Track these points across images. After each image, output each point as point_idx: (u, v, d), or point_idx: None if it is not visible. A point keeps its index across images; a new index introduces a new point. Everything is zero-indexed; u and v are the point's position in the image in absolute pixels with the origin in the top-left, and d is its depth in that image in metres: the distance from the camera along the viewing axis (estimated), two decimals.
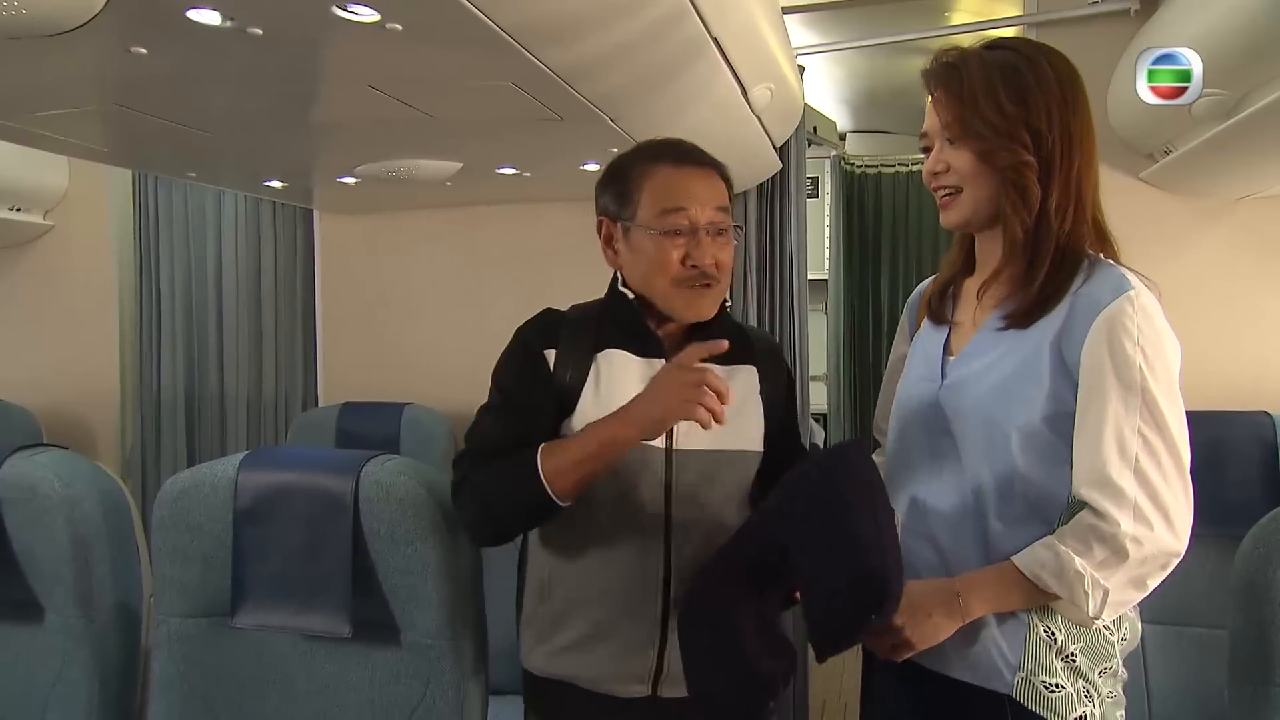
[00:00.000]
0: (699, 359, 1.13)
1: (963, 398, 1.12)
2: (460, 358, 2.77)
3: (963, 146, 1.10)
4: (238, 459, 1.31)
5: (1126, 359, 1.02)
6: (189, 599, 1.32)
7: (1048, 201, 1.08)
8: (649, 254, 1.23)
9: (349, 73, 1.34)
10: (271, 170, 2.31)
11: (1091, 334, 1.04)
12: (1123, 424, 1.02)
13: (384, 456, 1.31)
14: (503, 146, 1.93)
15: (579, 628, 1.25)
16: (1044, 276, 1.08)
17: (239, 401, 3.01)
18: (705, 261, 1.22)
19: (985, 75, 1.08)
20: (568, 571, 1.26)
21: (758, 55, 1.72)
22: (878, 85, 4.04)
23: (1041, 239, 1.09)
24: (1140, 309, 1.03)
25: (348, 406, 2.68)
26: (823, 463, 1.15)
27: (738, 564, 1.15)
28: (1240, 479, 1.89)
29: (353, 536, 1.25)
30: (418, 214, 2.81)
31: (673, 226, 1.21)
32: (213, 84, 1.40)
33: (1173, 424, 1.03)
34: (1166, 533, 1.03)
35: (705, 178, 1.25)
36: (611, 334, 1.27)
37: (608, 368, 1.25)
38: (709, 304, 1.25)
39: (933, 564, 1.13)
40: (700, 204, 1.22)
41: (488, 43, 1.11)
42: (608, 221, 1.28)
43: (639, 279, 1.25)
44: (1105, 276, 1.07)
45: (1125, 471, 1.02)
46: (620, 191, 1.26)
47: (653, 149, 1.28)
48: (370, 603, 1.27)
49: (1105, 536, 1.03)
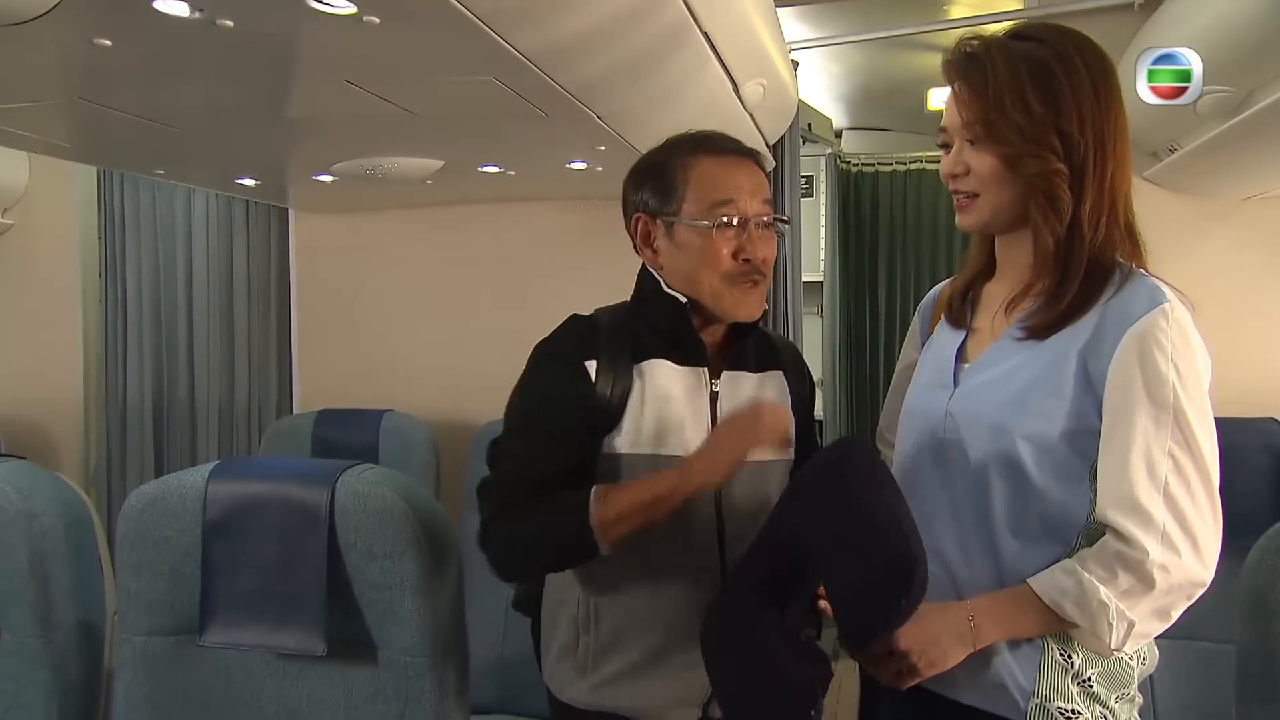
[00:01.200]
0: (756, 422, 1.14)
1: (976, 407, 1.10)
2: (442, 363, 2.77)
3: (985, 149, 1.07)
4: (207, 469, 1.30)
5: (1159, 375, 1.00)
6: (155, 617, 1.30)
7: (1080, 209, 1.05)
8: (698, 249, 1.20)
9: (325, 67, 1.34)
10: (244, 168, 2.29)
11: (1122, 348, 1.01)
12: (1152, 444, 1.00)
13: (361, 466, 1.30)
14: (485, 144, 1.93)
15: (630, 656, 1.23)
16: (1077, 290, 1.06)
17: (209, 409, 2.99)
18: (757, 255, 1.21)
19: (1012, 71, 1.04)
20: (615, 600, 1.24)
21: (750, 49, 1.73)
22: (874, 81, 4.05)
23: (1074, 249, 1.06)
24: (1175, 323, 1.01)
25: (324, 414, 2.67)
26: (827, 458, 1.14)
27: (755, 580, 1.14)
28: (1247, 489, 1.90)
29: (328, 550, 1.23)
30: (398, 213, 2.80)
31: (723, 218, 1.19)
32: (181, 77, 1.39)
33: (1204, 445, 1.01)
34: (1194, 561, 1.01)
35: (748, 167, 1.24)
36: (651, 342, 1.24)
37: (651, 381, 1.22)
38: (756, 302, 1.24)
39: (941, 582, 1.10)
40: (748, 195, 1.21)
41: (466, 32, 1.11)
42: (646, 219, 1.25)
43: (684, 277, 1.23)
44: (1138, 288, 1.04)
45: (1154, 495, 1.00)
46: (661, 186, 1.23)
47: (690, 141, 1.26)
48: (346, 620, 1.25)
49: (1131, 564, 1.00)
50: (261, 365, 2.97)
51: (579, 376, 1.21)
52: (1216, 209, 2.30)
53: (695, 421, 1.23)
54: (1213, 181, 2.22)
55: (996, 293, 1.17)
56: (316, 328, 2.91)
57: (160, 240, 3.02)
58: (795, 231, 2.69)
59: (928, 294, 1.33)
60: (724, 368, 1.27)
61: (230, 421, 3.00)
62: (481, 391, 1.32)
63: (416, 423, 2.60)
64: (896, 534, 1.02)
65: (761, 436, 1.13)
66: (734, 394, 1.26)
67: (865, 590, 1.04)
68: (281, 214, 2.94)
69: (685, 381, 1.24)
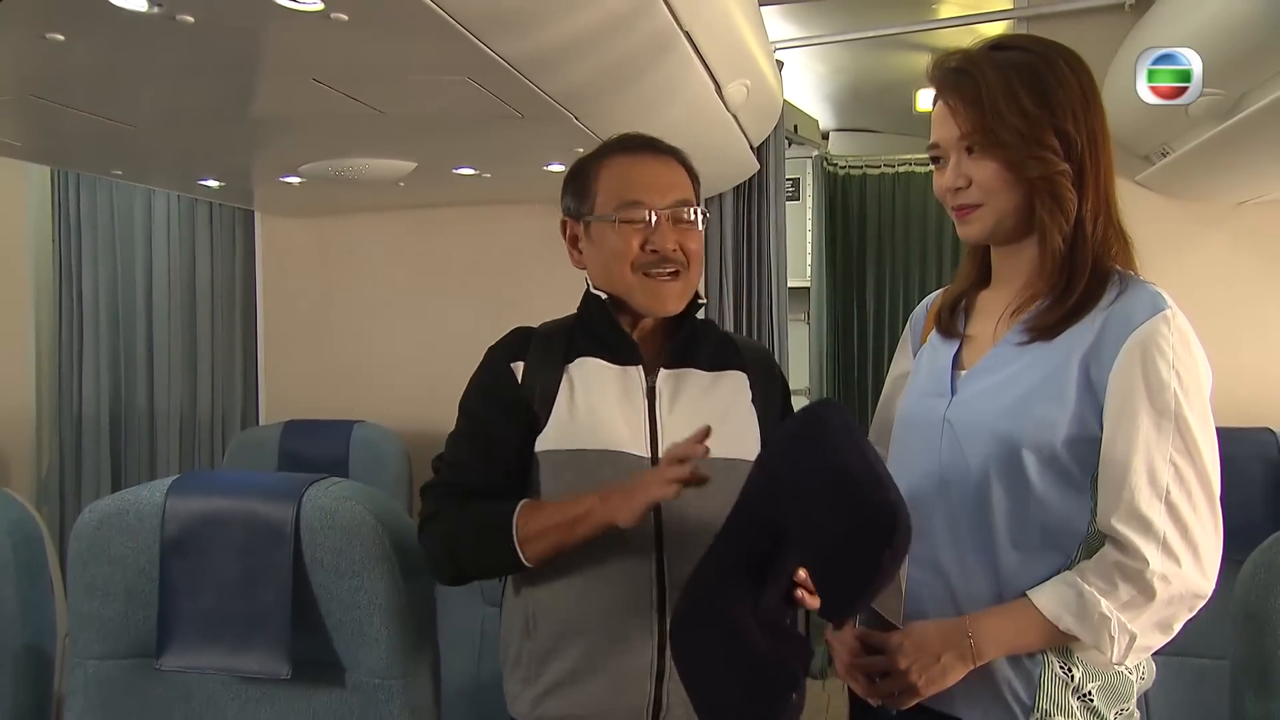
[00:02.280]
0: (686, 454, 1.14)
1: (975, 414, 1.11)
2: (415, 371, 2.76)
3: (986, 157, 1.09)
4: (166, 483, 1.29)
5: (1161, 382, 1.02)
6: (109, 639, 1.28)
7: (1082, 208, 1.08)
8: (609, 244, 1.27)
9: (291, 65, 1.33)
10: (206, 168, 2.28)
11: (1123, 355, 1.04)
12: (1154, 451, 1.02)
13: (329, 480, 1.29)
14: (460, 145, 1.92)
15: (567, 661, 1.24)
16: (1082, 290, 1.08)
17: (170, 420, 2.96)
18: (666, 246, 1.25)
19: (1003, 78, 1.07)
20: (553, 602, 1.26)
21: (733, 49, 1.73)
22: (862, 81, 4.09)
23: (1079, 250, 1.09)
24: (1177, 330, 1.04)
25: (292, 425, 2.65)
26: (799, 419, 1.14)
27: (729, 561, 1.12)
28: (1242, 500, 1.91)
29: (293, 568, 1.23)
30: (369, 216, 2.79)
31: (630, 216, 1.25)
32: (140, 75, 1.38)
33: (1206, 453, 1.03)
34: (1195, 571, 1.03)
35: (662, 164, 1.30)
36: (584, 342, 1.30)
37: (581, 377, 1.27)
38: (674, 296, 1.28)
39: (939, 595, 1.12)
40: (658, 192, 1.27)
41: (441, 34, 1.11)
42: (570, 221, 1.33)
43: (602, 273, 1.29)
44: (1140, 294, 1.07)
45: (1155, 503, 1.01)
46: (579, 188, 1.31)
47: (610, 143, 1.34)
48: (312, 641, 1.24)
49: (1131, 574, 1.02)
50: (225, 374, 2.95)
51: (505, 376, 1.28)
52: (1210, 214, 2.33)
53: (629, 418, 1.26)
54: (1206, 186, 2.25)
55: (992, 300, 1.19)
56: (284, 335, 2.89)
57: (119, 243, 3.00)
58: (780, 236, 2.70)
59: (920, 303, 1.34)
60: (662, 365, 1.29)
61: (192, 433, 2.97)
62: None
63: (388, 434, 2.58)
64: (874, 484, 1.00)
65: (680, 476, 1.13)
66: (677, 391, 1.29)
67: (845, 547, 1.01)
68: (247, 216, 2.92)
69: (617, 379, 1.28)
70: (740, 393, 1.33)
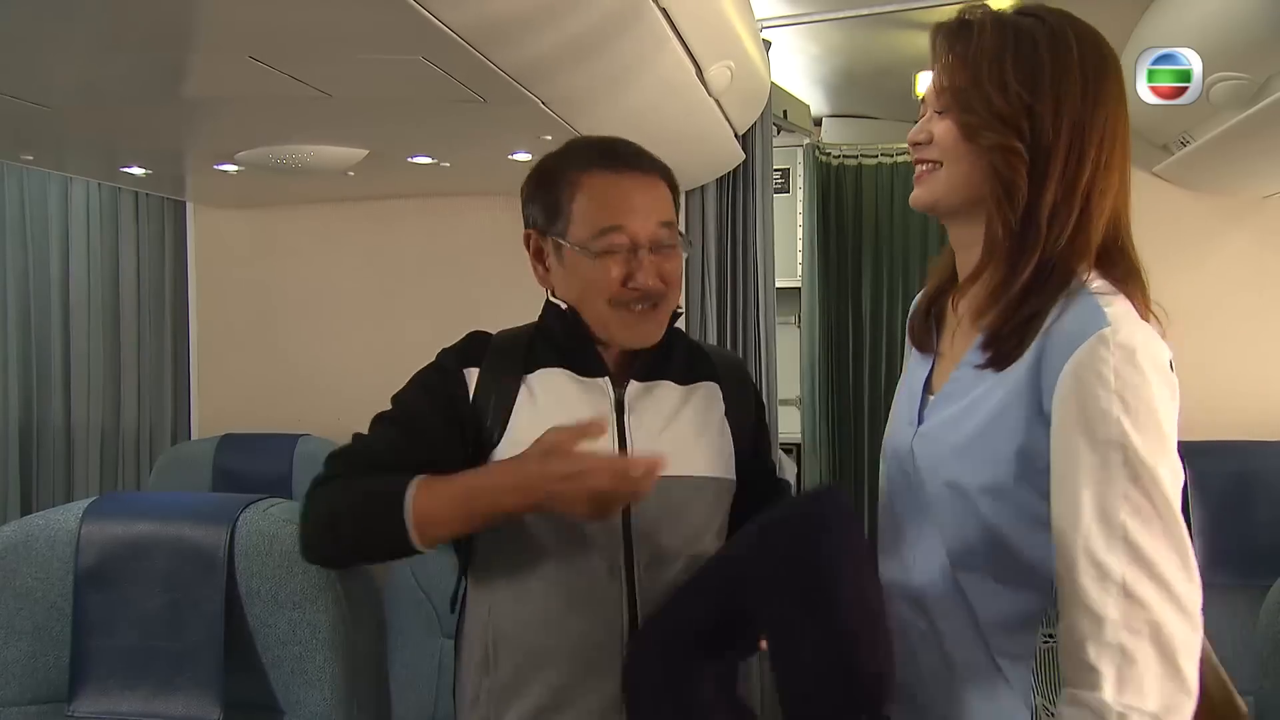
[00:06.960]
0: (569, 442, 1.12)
1: (932, 452, 1.14)
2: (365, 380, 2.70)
3: (949, 118, 1.11)
4: (82, 506, 1.28)
5: (1100, 413, 1.00)
6: (15, 683, 1.27)
7: (1039, 201, 1.08)
8: (583, 275, 1.25)
9: (225, 40, 1.33)
10: (131, 154, 2.27)
11: (1060, 383, 1.03)
12: (1104, 491, 1.00)
13: (267, 501, 1.29)
14: (416, 131, 1.93)
15: (533, 699, 1.24)
16: (1022, 287, 1.08)
17: (89, 435, 2.94)
18: (648, 283, 1.24)
19: (998, 42, 1.09)
20: (515, 634, 1.25)
21: (715, 28, 1.74)
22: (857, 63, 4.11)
23: (1027, 243, 1.09)
24: (1118, 348, 1.01)
25: (228, 439, 2.65)
26: (798, 511, 1.15)
27: (688, 628, 1.14)
28: (1271, 519, 1.94)
29: (225, 600, 1.22)
30: (315, 209, 2.78)
31: (610, 247, 1.23)
32: (54, 48, 1.37)
33: (1165, 482, 1.00)
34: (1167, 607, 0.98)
35: (647, 186, 1.28)
36: (545, 353, 1.29)
37: (542, 389, 1.27)
38: (653, 327, 1.28)
39: (923, 630, 1.14)
40: (641, 218, 1.25)
41: (387, 6, 1.11)
42: (536, 235, 1.30)
43: (574, 300, 1.28)
44: (1078, 310, 1.05)
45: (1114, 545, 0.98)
46: (549, 202, 1.28)
47: (585, 151, 1.30)
48: (247, 680, 1.24)
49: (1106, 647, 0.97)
50: (153, 383, 2.93)
51: (454, 382, 1.26)
52: (1234, 208, 2.36)
53: None
54: (1229, 177, 2.27)
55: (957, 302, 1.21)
56: (219, 339, 2.88)
57: (30, 238, 2.97)
58: (768, 232, 2.71)
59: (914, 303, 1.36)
60: (633, 376, 1.29)
61: (115, 449, 2.95)
62: None
63: None
64: (865, 642, 1.03)
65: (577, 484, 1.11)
66: (647, 404, 1.29)
67: (818, 693, 1.05)
68: (178, 207, 2.91)
69: (582, 391, 1.27)
70: (713, 408, 1.34)
